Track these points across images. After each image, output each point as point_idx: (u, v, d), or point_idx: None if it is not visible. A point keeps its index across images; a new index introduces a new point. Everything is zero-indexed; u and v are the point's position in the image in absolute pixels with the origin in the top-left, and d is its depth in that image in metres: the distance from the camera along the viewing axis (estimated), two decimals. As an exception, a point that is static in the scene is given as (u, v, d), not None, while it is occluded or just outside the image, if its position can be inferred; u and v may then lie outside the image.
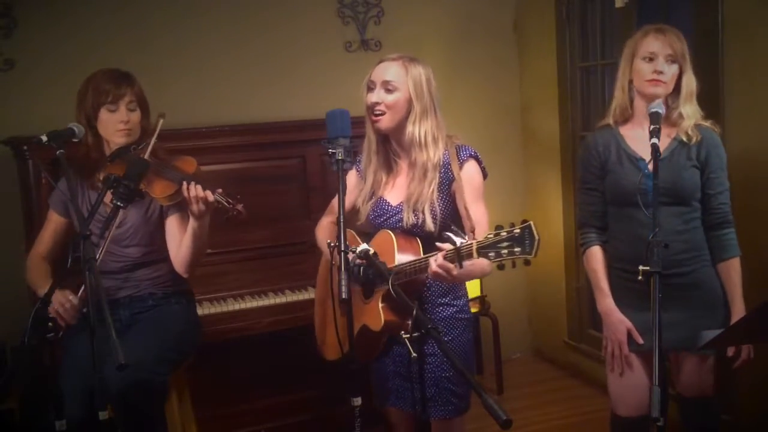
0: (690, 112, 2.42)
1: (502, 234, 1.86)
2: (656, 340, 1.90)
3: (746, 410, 3.08)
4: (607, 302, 2.54)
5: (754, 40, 2.98)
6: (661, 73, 2.37)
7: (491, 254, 1.87)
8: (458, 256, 1.95)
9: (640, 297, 2.35)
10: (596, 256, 2.57)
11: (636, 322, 2.47)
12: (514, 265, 1.89)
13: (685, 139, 2.42)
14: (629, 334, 2.48)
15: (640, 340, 2.46)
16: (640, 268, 2.00)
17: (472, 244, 1.91)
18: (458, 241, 1.94)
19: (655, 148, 2.17)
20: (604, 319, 2.56)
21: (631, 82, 2.46)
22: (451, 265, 2.00)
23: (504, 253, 1.85)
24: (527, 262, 1.87)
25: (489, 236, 1.88)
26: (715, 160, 2.42)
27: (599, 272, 2.56)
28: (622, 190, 2.45)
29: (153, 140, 2.55)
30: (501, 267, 1.92)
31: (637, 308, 2.45)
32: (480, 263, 2.00)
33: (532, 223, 1.83)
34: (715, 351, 2.46)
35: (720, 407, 2.61)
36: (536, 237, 1.81)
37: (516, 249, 1.83)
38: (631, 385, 2.50)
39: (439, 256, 2.02)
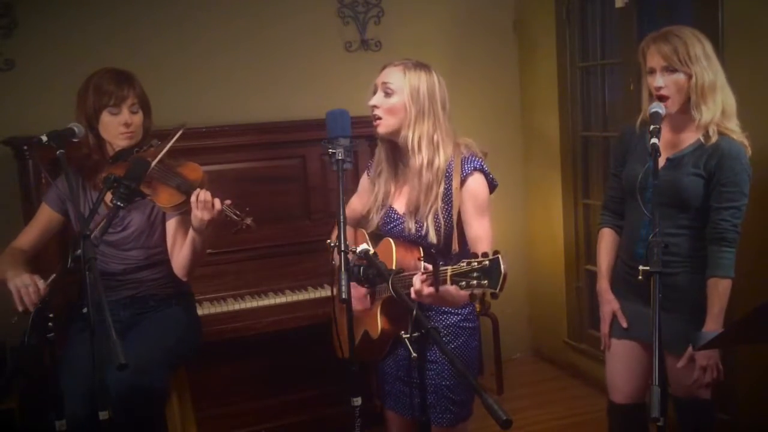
0: (703, 110, 2.32)
1: (473, 264, 1.81)
2: (656, 341, 1.88)
3: (745, 410, 3.08)
4: (601, 282, 2.62)
5: (754, 39, 2.98)
6: (661, 87, 2.32)
7: (462, 283, 1.83)
8: (435, 280, 1.92)
9: (630, 286, 2.47)
10: (603, 237, 2.65)
11: (623, 310, 2.54)
12: (483, 297, 1.81)
13: (703, 139, 2.35)
14: (615, 317, 2.55)
15: (625, 324, 2.52)
16: (641, 268, 1.99)
17: (447, 270, 1.88)
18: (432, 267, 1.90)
19: (654, 148, 2.15)
20: (598, 299, 2.64)
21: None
22: (428, 289, 1.97)
23: (473, 284, 1.80)
24: (494, 296, 1.79)
25: (463, 264, 1.84)
26: (727, 173, 2.29)
27: (601, 253, 2.64)
28: (630, 182, 2.48)
29: (167, 147, 2.46)
30: (473, 298, 1.87)
31: (625, 296, 2.53)
32: (454, 291, 1.93)
33: (500, 255, 1.77)
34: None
35: (716, 409, 2.58)
36: (502, 271, 1.74)
37: (483, 281, 1.78)
38: (619, 372, 2.56)
39: (416, 278, 2.00)
